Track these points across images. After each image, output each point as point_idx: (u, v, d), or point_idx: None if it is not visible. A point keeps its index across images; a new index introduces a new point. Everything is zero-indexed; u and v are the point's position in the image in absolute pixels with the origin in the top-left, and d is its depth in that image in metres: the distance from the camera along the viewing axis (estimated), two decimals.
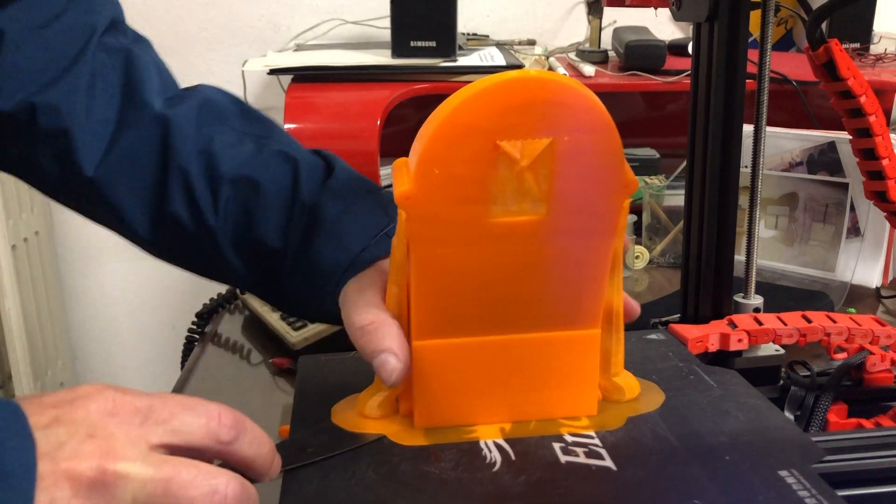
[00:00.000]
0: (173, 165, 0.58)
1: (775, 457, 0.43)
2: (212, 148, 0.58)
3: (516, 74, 0.41)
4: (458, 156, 0.41)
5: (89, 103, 0.58)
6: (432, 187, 0.42)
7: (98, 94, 0.58)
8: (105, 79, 0.59)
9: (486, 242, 0.44)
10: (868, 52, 1.43)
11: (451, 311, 0.46)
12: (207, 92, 0.62)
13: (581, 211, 0.44)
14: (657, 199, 1.12)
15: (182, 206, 0.58)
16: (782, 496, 0.40)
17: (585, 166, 0.43)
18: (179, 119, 0.58)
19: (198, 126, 0.59)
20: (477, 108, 0.41)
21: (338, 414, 0.49)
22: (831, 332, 0.63)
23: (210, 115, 0.60)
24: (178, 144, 0.58)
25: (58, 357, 1.69)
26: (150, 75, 0.61)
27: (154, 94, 0.60)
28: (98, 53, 0.59)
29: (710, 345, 0.61)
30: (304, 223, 0.57)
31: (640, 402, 0.50)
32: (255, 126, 0.61)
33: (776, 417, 0.48)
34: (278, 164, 0.58)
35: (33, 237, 1.59)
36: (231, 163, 0.58)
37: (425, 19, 1.22)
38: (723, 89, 0.63)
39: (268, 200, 0.57)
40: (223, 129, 0.60)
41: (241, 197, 0.58)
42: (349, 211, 0.56)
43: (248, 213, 0.58)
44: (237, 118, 0.61)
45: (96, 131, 0.58)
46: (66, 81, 0.57)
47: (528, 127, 0.41)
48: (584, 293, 0.47)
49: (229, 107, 0.62)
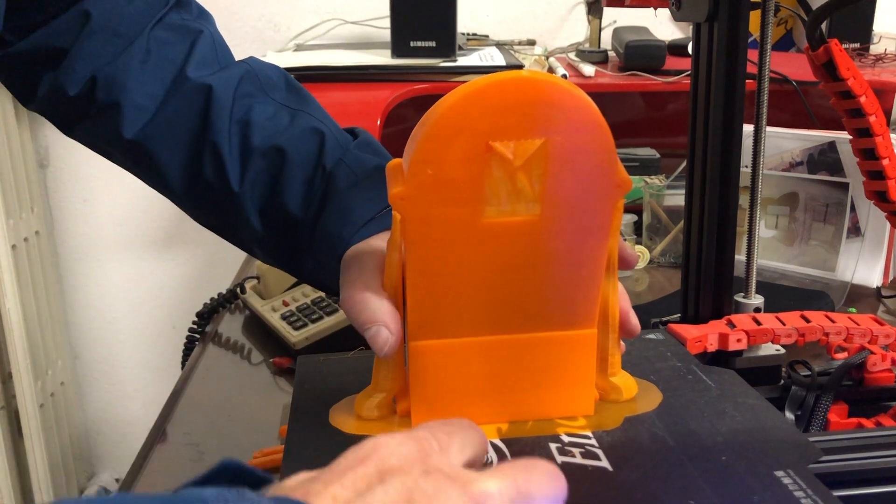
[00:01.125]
0: (210, 134, 0.61)
1: (772, 457, 0.43)
2: (249, 117, 0.61)
3: (508, 75, 0.41)
4: (451, 156, 0.41)
5: (141, 77, 0.61)
6: (426, 188, 0.42)
7: (150, 69, 0.62)
8: (159, 54, 0.62)
9: (480, 243, 0.44)
10: (868, 52, 1.43)
11: (446, 312, 0.46)
12: (254, 63, 0.65)
13: (575, 211, 0.44)
14: (657, 199, 1.12)
15: (213, 173, 0.61)
16: (778, 496, 0.40)
17: (578, 166, 0.43)
18: (220, 88, 0.61)
19: (238, 95, 0.62)
20: (469, 109, 0.41)
21: (335, 415, 0.49)
22: (830, 332, 0.63)
23: (252, 85, 0.63)
24: (217, 113, 0.61)
25: (58, 357, 1.69)
26: (204, 50, 0.64)
27: (203, 67, 0.63)
28: (157, 30, 0.63)
29: (708, 345, 0.61)
30: (321, 194, 0.59)
31: (638, 403, 0.50)
32: (293, 98, 0.64)
33: (773, 417, 0.48)
34: (308, 136, 0.61)
35: (33, 237, 1.59)
36: (264, 133, 0.61)
37: (425, 19, 1.22)
38: (723, 89, 0.63)
39: (293, 170, 0.59)
40: (263, 99, 0.63)
41: (269, 166, 0.60)
42: (359, 185, 0.58)
43: (273, 182, 0.60)
44: (279, 90, 0.64)
45: (143, 104, 0.61)
46: (125, 56, 0.61)
47: (521, 127, 0.41)
48: (580, 293, 0.47)
49: (273, 78, 0.64)
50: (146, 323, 1.79)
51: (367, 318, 0.46)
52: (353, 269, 0.50)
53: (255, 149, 0.60)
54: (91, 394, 1.83)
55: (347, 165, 0.59)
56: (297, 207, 0.59)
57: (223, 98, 0.61)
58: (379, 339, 0.46)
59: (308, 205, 0.59)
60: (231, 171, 0.60)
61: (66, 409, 1.72)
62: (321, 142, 0.60)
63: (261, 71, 0.64)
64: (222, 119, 0.61)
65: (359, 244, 0.54)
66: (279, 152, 0.60)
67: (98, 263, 1.74)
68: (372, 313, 0.46)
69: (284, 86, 0.65)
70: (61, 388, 1.70)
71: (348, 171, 0.59)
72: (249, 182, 0.60)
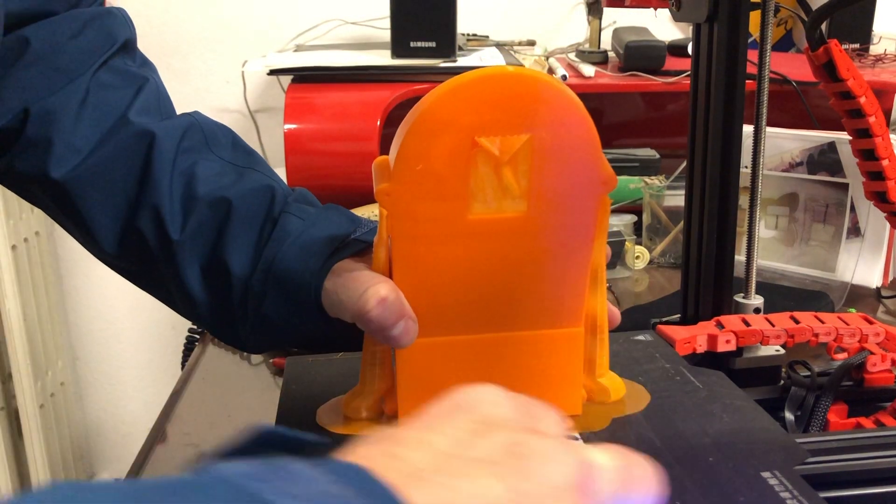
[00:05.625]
0: (149, 182, 0.57)
1: (759, 458, 0.43)
2: (194, 171, 0.58)
3: (493, 70, 0.41)
4: (436, 151, 0.41)
5: (79, 117, 0.58)
6: (411, 183, 0.42)
7: (89, 111, 0.58)
8: (101, 97, 0.59)
9: (466, 239, 0.44)
10: (868, 52, 1.43)
11: (433, 310, 0.46)
12: (199, 118, 0.62)
13: (561, 207, 0.44)
14: (657, 199, 1.12)
15: (149, 221, 0.57)
16: (764, 497, 0.40)
17: (564, 162, 0.43)
18: (164, 137, 0.58)
19: (182, 147, 0.59)
20: (454, 104, 0.41)
21: (323, 416, 0.49)
22: (819, 333, 0.63)
23: (196, 139, 0.60)
24: (158, 163, 0.57)
25: (58, 357, 1.69)
26: (149, 98, 0.61)
27: (146, 115, 0.60)
28: (101, 73, 0.60)
29: (697, 346, 0.61)
30: (274, 240, 0.56)
31: (626, 404, 0.50)
32: (240, 157, 0.61)
33: (761, 419, 0.48)
34: (258, 191, 0.57)
35: (33, 237, 1.59)
36: (209, 186, 0.57)
37: (425, 20, 1.22)
38: (723, 90, 0.63)
39: (241, 223, 0.56)
40: (208, 155, 0.59)
41: (214, 217, 0.57)
42: (314, 222, 0.55)
43: (219, 234, 0.56)
44: (225, 148, 0.61)
45: (76, 145, 0.57)
46: (63, 93, 0.58)
47: (506, 123, 0.41)
48: (566, 291, 0.47)
49: (218, 135, 0.61)
50: (146, 323, 1.79)
51: (400, 315, 0.46)
52: (349, 278, 0.49)
53: (199, 198, 0.57)
54: (91, 394, 1.83)
55: (292, 214, 0.56)
56: (241, 264, 0.55)
57: (166, 147, 0.58)
58: (410, 333, 0.46)
59: (256, 260, 0.55)
60: (171, 219, 0.56)
61: (66, 409, 1.72)
62: (272, 196, 0.57)
63: (206, 126, 0.61)
64: (164, 168, 0.57)
65: (339, 264, 0.52)
66: (226, 203, 0.56)
67: (98, 264, 1.72)
68: (402, 307, 0.46)
69: (231, 144, 0.61)
70: (61, 388, 1.70)
71: (295, 219, 0.56)
72: (191, 231, 0.56)
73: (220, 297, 0.56)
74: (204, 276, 0.57)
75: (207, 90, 1.64)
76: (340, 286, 0.50)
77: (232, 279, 0.55)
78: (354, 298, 0.47)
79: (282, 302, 0.54)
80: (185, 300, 0.58)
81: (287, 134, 1.15)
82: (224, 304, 0.56)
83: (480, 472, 0.26)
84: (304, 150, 1.16)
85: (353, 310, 0.47)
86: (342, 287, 0.50)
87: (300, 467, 0.24)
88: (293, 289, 0.53)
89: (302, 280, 0.52)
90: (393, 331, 0.46)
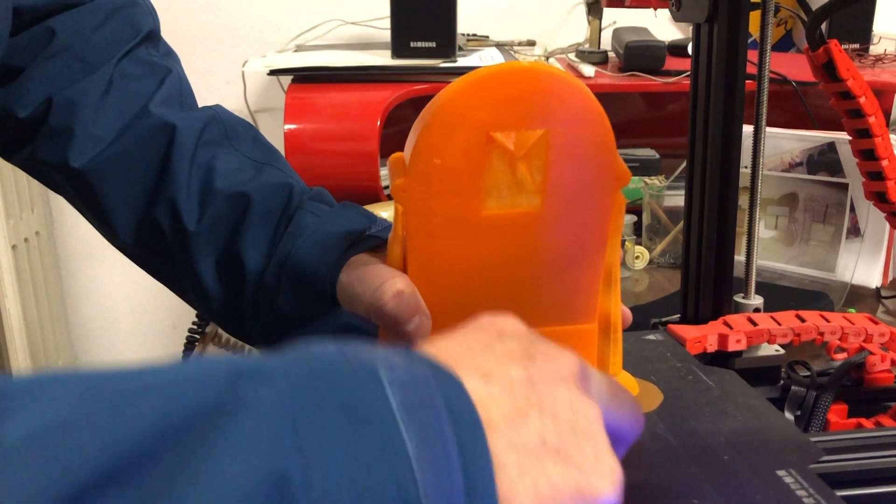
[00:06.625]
0: (168, 173, 0.57)
1: (774, 457, 0.43)
2: (213, 164, 0.58)
3: (509, 66, 0.41)
4: (452, 147, 0.42)
5: (100, 107, 0.58)
6: (427, 179, 0.42)
7: (111, 101, 0.59)
8: (124, 88, 0.59)
9: (481, 235, 0.44)
10: (868, 52, 1.43)
11: (447, 306, 0.46)
12: (220, 111, 0.62)
13: (575, 203, 0.44)
14: (657, 199, 1.12)
15: (166, 212, 0.57)
16: (780, 496, 0.40)
17: (578, 157, 0.43)
18: (184, 129, 0.58)
19: (202, 140, 0.59)
20: (470, 99, 0.41)
21: None
22: (825, 332, 0.63)
23: (217, 133, 0.60)
24: (178, 154, 0.57)
25: (58, 357, 1.69)
26: (171, 89, 0.61)
27: (168, 106, 0.60)
28: (124, 63, 0.60)
29: (708, 345, 0.62)
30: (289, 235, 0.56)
31: (639, 403, 0.50)
32: (260, 152, 0.61)
33: (774, 417, 0.48)
34: (276, 188, 0.57)
35: (33, 237, 1.59)
36: (227, 181, 0.58)
37: (425, 20, 1.22)
38: (723, 90, 0.63)
39: (257, 218, 0.56)
40: (228, 149, 0.60)
41: (231, 211, 0.57)
42: (330, 218, 0.56)
43: (235, 228, 0.57)
44: (245, 143, 0.61)
45: (97, 135, 0.58)
46: (86, 83, 0.58)
47: (522, 118, 0.41)
48: (580, 287, 0.47)
49: (239, 129, 0.61)
50: (146, 323, 1.79)
51: (415, 310, 0.46)
52: (364, 272, 0.49)
53: (217, 192, 0.57)
54: None
55: (308, 210, 0.56)
56: (256, 259, 0.56)
57: (186, 140, 0.58)
58: (423, 329, 0.45)
59: (270, 255, 0.56)
60: (188, 211, 0.57)
61: None
62: (289, 194, 0.57)
63: (227, 120, 0.61)
64: (183, 160, 0.57)
65: (354, 258, 0.52)
66: (244, 198, 0.56)
67: (98, 263, 1.74)
68: (417, 302, 0.46)
69: (251, 139, 0.61)
70: None
71: (311, 215, 0.56)
72: (208, 224, 0.57)
73: (233, 290, 0.57)
74: (218, 269, 0.57)
75: (208, 90, 1.64)
76: (356, 279, 0.50)
77: (246, 273, 0.56)
78: (370, 291, 0.47)
79: (295, 296, 0.54)
80: (198, 292, 0.58)
81: (287, 134, 1.15)
82: (237, 298, 0.57)
83: (503, 361, 0.33)
84: (305, 150, 1.16)
85: (368, 302, 0.47)
86: (358, 280, 0.50)
87: (397, 360, 0.29)
88: (308, 282, 0.53)
89: (317, 273, 0.52)
90: (408, 325, 0.46)
